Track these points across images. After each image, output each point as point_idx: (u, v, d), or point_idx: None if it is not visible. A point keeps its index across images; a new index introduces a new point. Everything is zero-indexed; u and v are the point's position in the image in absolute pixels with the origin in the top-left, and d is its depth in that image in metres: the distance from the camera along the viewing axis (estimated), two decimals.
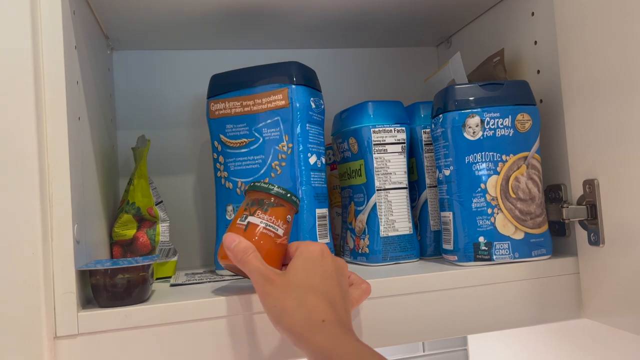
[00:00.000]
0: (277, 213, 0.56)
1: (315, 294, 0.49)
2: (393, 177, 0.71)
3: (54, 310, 0.50)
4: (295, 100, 0.66)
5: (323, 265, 0.52)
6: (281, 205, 0.56)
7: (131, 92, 0.88)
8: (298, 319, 0.48)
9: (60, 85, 0.51)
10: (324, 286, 0.50)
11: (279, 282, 0.50)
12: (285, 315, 0.48)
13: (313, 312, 0.48)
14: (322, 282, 0.51)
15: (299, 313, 0.48)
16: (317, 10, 0.79)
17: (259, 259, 0.52)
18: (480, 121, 0.64)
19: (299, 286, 0.50)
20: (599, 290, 0.61)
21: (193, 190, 0.89)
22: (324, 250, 0.53)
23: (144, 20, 0.76)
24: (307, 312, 0.48)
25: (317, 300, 0.49)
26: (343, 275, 0.54)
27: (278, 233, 0.55)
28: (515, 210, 0.64)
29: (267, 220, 0.55)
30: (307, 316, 0.48)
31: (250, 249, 0.53)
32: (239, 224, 0.56)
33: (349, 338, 0.46)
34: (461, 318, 0.61)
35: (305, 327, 0.47)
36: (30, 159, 0.49)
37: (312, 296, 0.49)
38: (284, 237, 0.56)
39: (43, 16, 0.51)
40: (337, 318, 0.48)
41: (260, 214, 0.55)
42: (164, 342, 0.53)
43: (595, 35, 0.59)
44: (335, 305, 0.49)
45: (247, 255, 0.52)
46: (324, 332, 0.46)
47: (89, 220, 0.59)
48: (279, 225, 0.56)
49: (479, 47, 0.87)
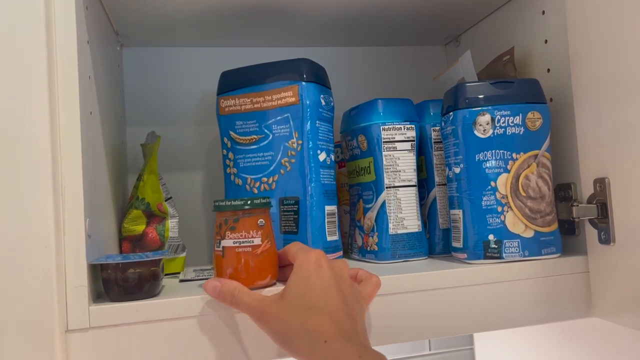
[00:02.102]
0: (245, 225, 0.54)
1: (315, 313, 0.48)
2: (402, 174, 0.71)
3: (66, 304, 0.50)
4: (305, 97, 0.67)
5: (320, 278, 0.50)
6: (247, 215, 0.54)
7: (140, 88, 0.88)
8: (301, 344, 0.47)
9: (74, 80, 0.52)
10: (323, 301, 0.49)
11: (275, 311, 0.50)
12: (289, 342, 0.48)
13: (314, 334, 0.47)
14: (321, 296, 0.49)
15: (302, 338, 0.47)
16: (326, 8, 0.79)
17: (247, 294, 0.52)
18: (490, 119, 0.64)
19: (297, 308, 0.49)
20: (608, 289, 0.61)
21: (201, 187, 0.89)
22: (319, 259, 0.52)
23: (154, 16, 0.76)
24: (308, 334, 0.47)
25: (318, 319, 0.48)
26: (343, 279, 0.52)
27: (255, 244, 0.54)
28: (525, 208, 0.64)
29: (238, 237, 0.54)
30: (309, 338, 0.47)
31: (236, 290, 0.52)
32: (216, 251, 0.55)
33: (352, 351, 0.45)
34: (470, 316, 0.61)
35: (308, 351, 0.47)
36: (43, 152, 0.49)
37: (312, 316, 0.48)
38: (265, 243, 0.55)
39: (57, 11, 0.51)
40: (339, 333, 0.47)
41: (230, 234, 0.54)
42: (175, 337, 0.53)
43: (606, 34, 0.59)
44: (336, 318, 0.48)
45: (234, 297, 0.52)
46: (327, 353, 0.46)
47: (99, 215, 0.59)
48: (253, 235, 0.54)
49: (488, 46, 0.87)
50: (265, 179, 0.68)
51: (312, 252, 0.52)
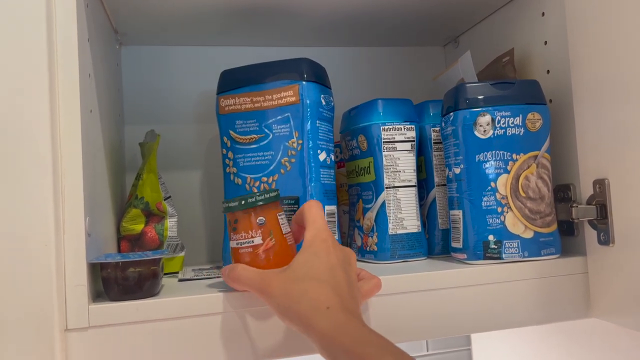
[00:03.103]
0: (244, 226, 0.53)
1: (319, 282, 0.48)
2: (402, 175, 0.71)
3: (65, 303, 0.50)
4: (305, 97, 0.66)
5: (328, 256, 0.51)
6: (246, 214, 0.53)
7: (139, 87, 0.88)
8: (303, 309, 0.47)
9: (74, 78, 0.51)
10: (328, 276, 0.49)
11: (278, 281, 0.49)
12: (289, 309, 0.48)
13: (317, 300, 0.47)
14: (327, 271, 0.49)
15: (303, 303, 0.47)
16: (326, 8, 0.79)
17: (248, 269, 0.52)
18: (491, 120, 0.64)
19: (301, 278, 0.49)
20: (607, 290, 0.62)
21: (200, 186, 0.89)
22: (328, 243, 0.52)
23: (154, 15, 0.76)
24: (311, 300, 0.47)
25: (321, 288, 0.48)
26: (350, 265, 0.53)
27: (255, 244, 0.53)
28: (525, 209, 0.64)
29: (239, 238, 0.53)
30: (311, 304, 0.47)
31: (237, 267, 0.52)
32: (232, 252, 0.55)
33: (355, 323, 0.45)
34: (469, 316, 0.61)
35: (310, 315, 0.46)
36: (43, 150, 0.49)
37: (315, 284, 0.48)
38: (268, 241, 0.53)
39: (57, 9, 0.51)
40: (342, 305, 0.47)
41: (233, 235, 0.54)
42: (174, 336, 0.53)
43: (606, 36, 0.59)
44: (340, 292, 0.48)
45: (236, 274, 0.52)
46: (329, 318, 0.45)
47: (98, 214, 0.59)
48: (252, 235, 0.53)
49: (487, 46, 0.87)
50: (265, 178, 0.68)
51: (324, 231, 0.52)
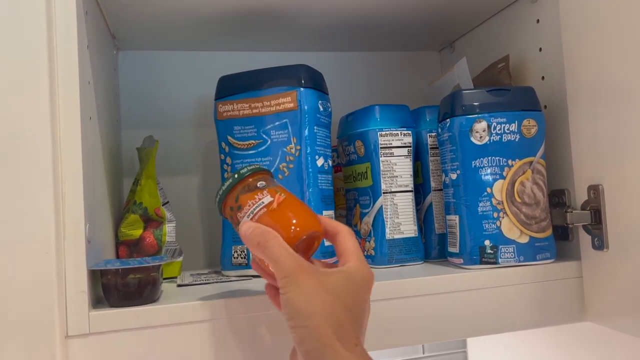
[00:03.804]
0: (248, 196, 0.50)
1: (348, 313, 0.43)
2: (399, 180, 0.72)
3: (66, 310, 0.50)
4: (303, 103, 0.67)
5: (364, 295, 0.47)
6: (245, 185, 0.51)
7: (136, 92, 0.88)
8: (326, 327, 0.42)
9: (74, 85, 0.51)
10: (357, 311, 0.45)
11: (312, 278, 0.44)
12: (314, 313, 0.42)
13: (343, 330, 0.42)
14: (356, 306, 0.45)
15: (329, 322, 0.42)
16: (323, 14, 0.79)
17: (283, 245, 0.45)
18: (487, 126, 0.65)
19: (334, 294, 0.44)
20: (601, 294, 0.62)
21: (198, 191, 0.89)
22: (370, 282, 0.48)
23: (152, 20, 0.76)
24: (338, 325, 0.42)
25: (349, 321, 0.43)
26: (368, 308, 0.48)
27: (267, 202, 0.49)
28: (520, 214, 0.65)
29: (248, 209, 0.50)
30: (336, 330, 0.42)
31: (271, 234, 0.46)
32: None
33: None
34: (466, 320, 0.62)
35: (331, 340, 0.42)
36: (44, 158, 0.49)
37: (345, 313, 0.43)
38: (278, 196, 0.50)
39: (58, 17, 0.51)
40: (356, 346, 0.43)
41: (240, 214, 0.51)
42: (175, 342, 0.53)
43: (601, 43, 0.60)
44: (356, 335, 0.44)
45: (267, 240, 0.46)
46: (354, 354, 0.42)
47: (97, 220, 0.59)
48: (259, 198, 0.50)
49: (482, 52, 0.88)
50: None
51: (371, 271, 0.48)
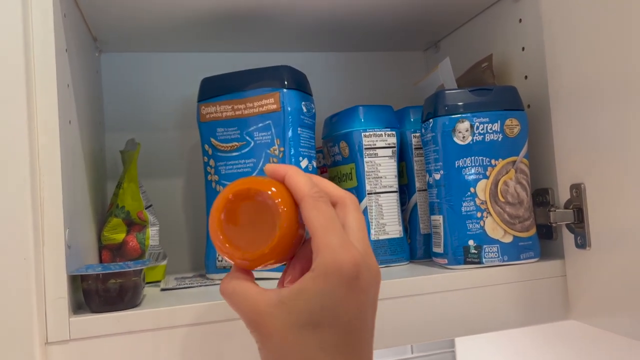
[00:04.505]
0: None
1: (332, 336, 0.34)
2: (384, 180, 0.72)
3: (45, 316, 0.49)
4: (287, 104, 0.67)
5: (356, 295, 0.35)
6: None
7: (119, 94, 0.87)
8: None
9: (52, 89, 0.51)
10: (342, 326, 0.34)
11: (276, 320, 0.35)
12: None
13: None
14: (338, 319, 0.34)
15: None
16: (306, 13, 0.79)
17: (242, 283, 0.39)
18: (470, 126, 0.65)
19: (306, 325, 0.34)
20: (585, 292, 0.63)
21: (182, 194, 0.89)
22: (359, 266, 0.35)
23: (134, 22, 0.76)
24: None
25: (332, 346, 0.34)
26: (375, 300, 0.39)
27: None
28: (504, 214, 0.65)
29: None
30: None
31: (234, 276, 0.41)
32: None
33: None
34: (451, 320, 0.62)
35: None
36: (21, 163, 0.49)
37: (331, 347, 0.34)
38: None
39: (34, 20, 0.50)
40: None
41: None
42: (157, 347, 0.53)
43: (582, 42, 0.60)
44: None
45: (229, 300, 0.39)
46: None
47: (78, 224, 0.59)
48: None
49: (467, 52, 0.88)
50: None
51: (352, 252, 0.34)
